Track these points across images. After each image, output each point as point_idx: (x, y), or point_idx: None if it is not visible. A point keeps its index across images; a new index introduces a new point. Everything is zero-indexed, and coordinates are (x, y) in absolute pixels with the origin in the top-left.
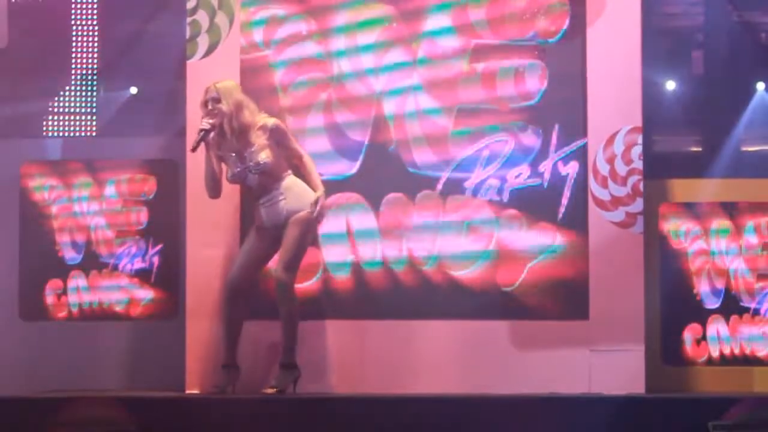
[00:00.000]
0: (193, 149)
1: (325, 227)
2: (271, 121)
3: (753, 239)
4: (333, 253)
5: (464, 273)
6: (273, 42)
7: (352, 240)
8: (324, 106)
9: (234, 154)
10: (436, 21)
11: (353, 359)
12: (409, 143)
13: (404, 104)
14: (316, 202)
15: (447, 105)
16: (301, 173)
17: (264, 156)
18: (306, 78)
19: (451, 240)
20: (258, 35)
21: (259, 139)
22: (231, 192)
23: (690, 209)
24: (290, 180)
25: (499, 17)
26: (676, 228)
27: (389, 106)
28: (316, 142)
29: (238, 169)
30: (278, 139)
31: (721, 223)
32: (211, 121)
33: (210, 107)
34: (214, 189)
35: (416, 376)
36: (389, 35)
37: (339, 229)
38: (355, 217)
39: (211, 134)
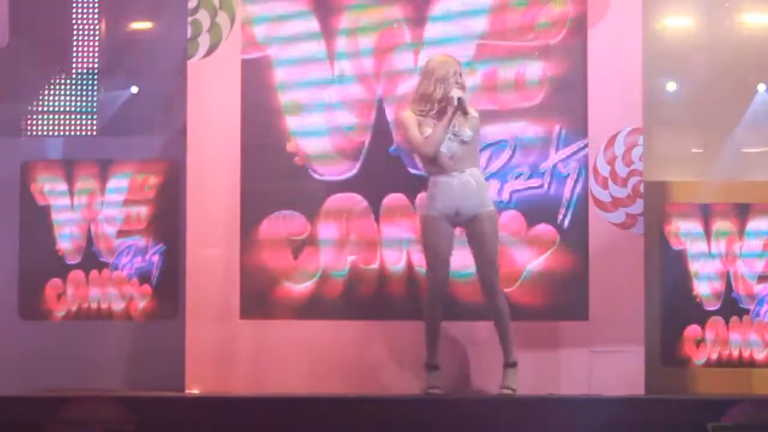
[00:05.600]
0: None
1: (323, 230)
2: (476, 112)
3: (753, 241)
4: (330, 255)
5: (464, 274)
6: (274, 41)
7: (350, 241)
8: (325, 106)
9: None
10: (438, 23)
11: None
12: None
13: (406, 105)
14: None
15: None
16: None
17: (470, 131)
18: (307, 78)
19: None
20: (259, 35)
21: (463, 117)
22: (231, 192)
23: (690, 211)
24: (478, 172)
25: (501, 18)
26: (677, 229)
27: (390, 107)
28: (316, 142)
29: (445, 134)
30: (476, 129)
31: (721, 224)
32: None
33: (459, 79)
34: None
35: (413, 377)
36: (391, 36)
37: (338, 229)
38: (354, 218)
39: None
